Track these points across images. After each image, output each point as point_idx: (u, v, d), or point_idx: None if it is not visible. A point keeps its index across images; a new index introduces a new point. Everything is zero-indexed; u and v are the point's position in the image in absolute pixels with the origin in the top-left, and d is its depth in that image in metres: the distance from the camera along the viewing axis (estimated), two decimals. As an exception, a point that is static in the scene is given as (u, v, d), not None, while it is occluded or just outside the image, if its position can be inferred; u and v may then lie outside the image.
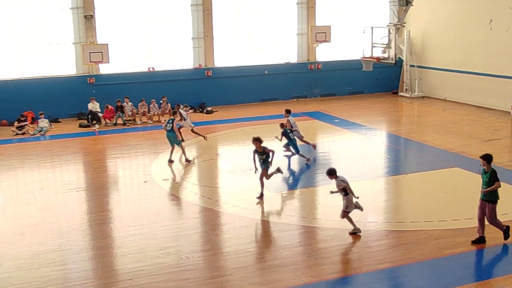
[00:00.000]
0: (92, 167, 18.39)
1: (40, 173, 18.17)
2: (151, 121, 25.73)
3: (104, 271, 10.62)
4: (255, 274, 10.21)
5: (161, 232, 12.29)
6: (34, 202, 14.97)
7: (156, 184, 16.10)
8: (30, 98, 25.92)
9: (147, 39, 28.19)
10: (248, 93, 29.72)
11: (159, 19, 28.26)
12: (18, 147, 21.62)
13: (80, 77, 27.31)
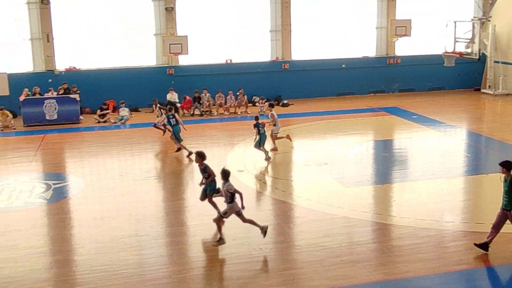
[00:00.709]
0: (169, 156, 18.84)
1: (120, 160, 18.79)
2: (227, 113, 26.03)
3: (179, 257, 10.87)
4: (327, 269, 10.16)
5: (235, 223, 12.37)
6: (114, 188, 15.50)
7: (230, 175, 16.27)
8: (112, 88, 26.83)
9: (226, 32, 28.50)
10: (324, 86, 29.50)
11: (238, 12, 28.51)
12: (100, 135, 22.43)
13: (160, 68, 27.98)
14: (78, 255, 11.02)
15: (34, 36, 26.77)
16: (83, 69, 27.34)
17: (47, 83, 26.00)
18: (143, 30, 27.83)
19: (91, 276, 10.00)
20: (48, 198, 14.43)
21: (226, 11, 28.37)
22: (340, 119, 23.73)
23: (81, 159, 18.92)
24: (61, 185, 15.67)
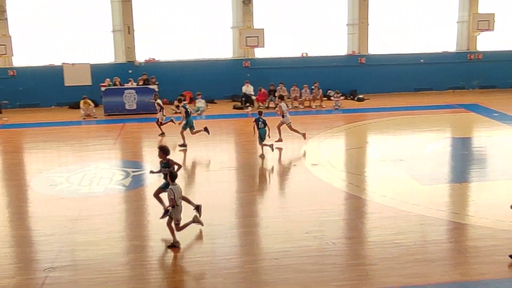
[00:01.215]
0: (244, 148, 19.05)
1: (195, 151, 19.14)
2: (302, 106, 26.02)
3: (252, 248, 11.00)
4: (402, 266, 10.00)
5: (308, 216, 12.43)
6: (189, 177, 15.87)
7: (304, 168, 16.31)
8: (189, 79, 27.38)
9: (302, 25, 28.44)
10: (401, 81, 28.96)
11: (315, 5, 28.37)
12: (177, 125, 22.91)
13: (236, 61, 28.29)
14: (155, 241, 11.34)
15: (115, 28, 27.67)
16: (161, 61, 28.05)
17: (127, 73, 26.83)
18: (220, 23, 28.19)
19: (167, 262, 10.30)
20: (127, 185, 14.94)
21: (303, 4, 28.31)
22: (417, 115, 23.22)
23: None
24: (139, 173, 16.18)
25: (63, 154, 19.07)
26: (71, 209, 13.17)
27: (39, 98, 27.23)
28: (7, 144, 20.63)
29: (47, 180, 15.67)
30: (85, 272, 9.92)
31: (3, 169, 17.61)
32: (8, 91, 27.02)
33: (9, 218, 13.15)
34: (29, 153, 19.59)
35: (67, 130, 22.06)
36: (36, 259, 10.67)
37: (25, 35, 27.28)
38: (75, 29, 27.44)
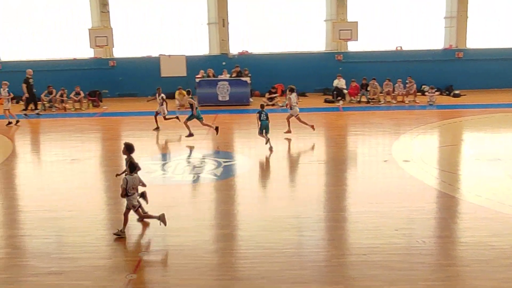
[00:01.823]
0: (334, 141, 18.96)
1: (285, 143, 19.25)
2: (395, 101, 25.52)
3: (340, 242, 10.95)
4: (496, 270, 9.62)
5: (398, 213, 12.22)
6: (279, 169, 15.98)
7: (396, 164, 16.01)
8: (281, 72, 27.53)
9: (396, 18, 27.83)
10: (501, 77, 27.73)
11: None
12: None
13: (328, 54, 28.15)
14: (244, 230, 11.55)
15: (211, 21, 28.26)
16: (254, 53, 28.35)
17: (221, 65, 27.36)
18: (314, 16, 28.10)
19: (255, 252, 10.44)
20: (219, 175, 15.27)
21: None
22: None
23: (249, 140, 19.75)
24: (230, 163, 16.50)
25: (157, 142, 19.75)
26: (165, 196, 13.66)
27: (136, 88, 28.34)
28: (106, 131, 21.64)
29: (143, 167, 16.26)
30: (176, 257, 10.27)
31: (103, 156, 18.51)
32: (108, 81, 28.33)
33: (107, 202, 13.82)
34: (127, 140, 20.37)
35: (162, 120, 22.77)
36: (131, 242, 11.15)
37: (125, 27, 28.41)
38: (172, 21, 28.28)
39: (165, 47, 28.07)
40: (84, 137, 20.73)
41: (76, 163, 17.38)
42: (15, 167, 17.32)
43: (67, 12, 28.65)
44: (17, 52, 29.26)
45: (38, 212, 12.92)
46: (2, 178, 16.23)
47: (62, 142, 20.58)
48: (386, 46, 28.17)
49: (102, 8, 28.10)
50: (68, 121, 23.48)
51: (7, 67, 28.90)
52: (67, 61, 28.60)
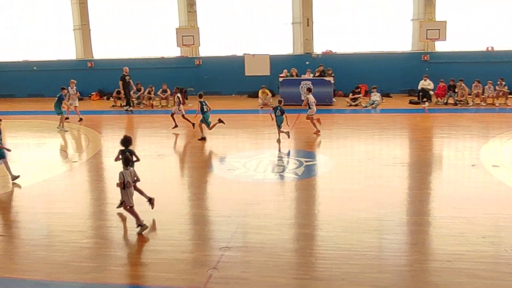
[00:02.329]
0: (419, 144, 18.51)
1: (368, 144, 19.02)
2: (484, 103, 24.60)
3: (423, 247, 10.68)
4: None
5: (485, 220, 11.77)
6: (361, 171, 15.76)
7: (484, 169, 15.44)
8: (365, 72, 27.20)
9: (487, 16, 26.79)
10: None
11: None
12: (350, 118, 22.95)
13: (414, 54, 27.51)
14: (324, 231, 11.50)
15: (295, 20, 28.28)
16: (338, 53, 28.14)
17: (304, 65, 27.34)
18: (400, 15, 27.56)
19: (335, 253, 10.38)
20: (300, 174, 15.28)
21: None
22: None
23: (331, 140, 19.64)
24: (312, 163, 16.47)
25: (240, 140, 20.02)
26: (247, 193, 13.84)
27: (221, 87, 28.83)
28: (191, 128, 22.10)
29: (226, 164, 16.60)
30: (256, 255, 10.37)
31: (188, 152, 18.97)
32: (194, 79, 28.98)
33: (191, 197, 14.16)
34: (210, 137, 20.81)
35: (246, 118, 23.08)
36: (213, 238, 11.37)
37: (212, 27, 28.95)
38: (257, 21, 28.54)
39: (249, 47, 28.38)
40: (169, 133, 21.31)
41: (161, 158, 17.91)
42: (104, 160, 18.07)
43: (156, 12, 29.54)
44: (109, 50, 30.47)
45: (125, 205, 13.41)
46: (92, 171, 16.99)
47: (149, 137, 21.26)
48: (476, 46, 27.18)
49: (189, 8, 28.77)
50: (155, 118, 24.22)
51: (99, 65, 30.18)
52: (155, 59, 29.50)
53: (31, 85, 29.71)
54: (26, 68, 31.06)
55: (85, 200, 14.37)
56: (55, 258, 10.65)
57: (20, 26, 31.12)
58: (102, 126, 23.10)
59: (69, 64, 30.60)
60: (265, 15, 28.62)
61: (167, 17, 29.35)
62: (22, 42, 31.27)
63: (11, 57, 31.60)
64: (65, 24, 30.50)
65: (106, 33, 30.37)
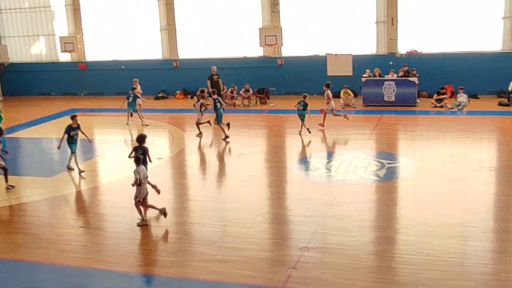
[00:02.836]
0: (508, 148, 17.76)
1: (453, 147, 18.47)
2: None
3: (510, 256, 10.29)
4: None
5: None
6: (445, 174, 15.32)
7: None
8: (451, 72, 26.42)
9: None
10: None
11: None
12: (435, 119, 22.35)
13: (505, 54, 26.44)
14: (406, 235, 11.27)
15: (379, 19, 27.85)
16: (423, 53, 27.47)
17: (388, 65, 26.87)
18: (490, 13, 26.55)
19: (417, 258, 10.16)
20: (381, 176, 15.05)
21: None
22: None
23: (414, 142, 19.22)
24: (394, 165, 16.18)
25: (321, 141, 19.93)
26: (327, 194, 13.79)
27: (302, 86, 28.79)
28: (272, 128, 22.30)
29: (306, 164, 16.60)
30: (336, 256, 10.32)
31: (268, 151, 19.11)
32: (275, 78, 29.15)
33: (270, 197, 14.26)
34: (291, 138, 20.89)
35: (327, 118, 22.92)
36: (293, 238, 11.42)
37: (294, 26, 29.00)
38: (340, 20, 28.33)
39: (332, 46, 28.21)
40: (251, 132, 21.56)
41: (242, 157, 18.14)
42: (187, 158, 18.51)
43: (239, 12, 29.93)
44: (193, 50, 31.16)
45: (206, 202, 13.72)
46: (176, 167, 17.46)
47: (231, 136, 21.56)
48: None
49: (272, 8, 28.95)
50: (236, 117, 24.53)
51: (184, 64, 30.93)
52: (238, 59, 29.89)
53: (119, 83, 30.81)
54: (115, 67, 32.30)
55: (169, 196, 14.77)
56: (139, 251, 11.06)
57: (110, 26, 32.38)
58: (186, 124, 23.66)
59: (155, 63, 31.55)
60: (348, 14, 28.35)
61: (251, 17, 29.65)
62: (111, 42, 32.54)
63: (101, 56, 32.94)
64: (152, 25, 31.46)
65: (191, 33, 31.07)
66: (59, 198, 13.88)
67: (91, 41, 33.23)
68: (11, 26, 34.64)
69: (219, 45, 30.56)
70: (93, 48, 33.33)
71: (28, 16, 34.05)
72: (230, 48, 30.37)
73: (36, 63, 34.35)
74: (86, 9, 32.80)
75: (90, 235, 12.18)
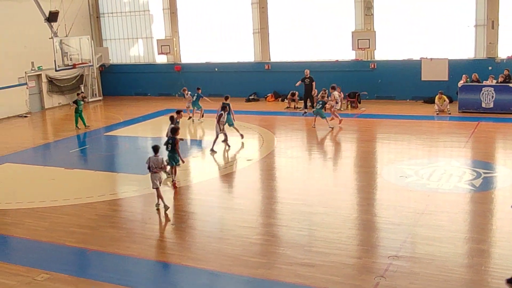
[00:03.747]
0: None
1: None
2: None
3: None
4: None
5: None
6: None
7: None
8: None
9: None
10: None
11: None
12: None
13: None
14: (502, 248, 10.76)
15: (479, 22, 26.79)
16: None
17: (486, 70, 25.79)
18: None
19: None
20: (477, 186, 14.45)
21: None
22: None
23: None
24: (491, 175, 15.49)
25: (413, 147, 19.43)
26: (418, 202, 13.41)
27: (395, 91, 28.25)
28: (363, 133, 21.98)
29: (397, 171, 16.23)
30: (426, 266, 10.02)
31: (358, 156, 18.85)
32: (367, 83, 28.70)
33: (360, 202, 14.06)
34: (382, 143, 20.51)
35: (420, 124, 22.36)
36: (381, 245, 11.19)
37: (388, 30, 28.44)
38: (436, 23, 27.50)
39: (427, 50, 27.42)
40: (341, 137, 21.35)
41: (332, 161, 18.01)
42: (277, 160, 18.60)
43: (332, 15, 29.70)
44: (284, 53, 31.27)
45: (294, 205, 13.72)
46: (265, 169, 17.59)
47: (321, 140, 21.49)
48: None
49: (366, 11, 28.56)
50: (326, 121, 24.40)
51: (275, 67, 31.12)
52: (329, 62, 29.69)
53: (211, 85, 31.41)
54: (208, 69, 32.98)
55: (258, 197, 14.94)
56: (228, 251, 11.21)
57: (204, 29, 33.10)
58: (276, 127, 23.79)
59: (248, 66, 31.92)
60: (445, 17, 27.44)
61: (343, 20, 29.37)
62: (205, 44, 33.23)
63: (195, 58, 33.73)
64: (245, 28, 31.86)
65: (284, 36, 31.18)
66: (152, 195, 14.33)
67: (186, 43, 34.11)
68: (112, 29, 36.22)
69: (311, 48, 30.47)
70: (188, 50, 34.20)
71: (128, 19, 35.47)
72: (321, 51, 30.21)
73: (134, 65, 35.72)
74: (182, 13, 33.72)
75: (181, 233, 12.50)
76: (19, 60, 30.30)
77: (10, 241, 12.57)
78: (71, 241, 12.11)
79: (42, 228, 12.99)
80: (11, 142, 23.10)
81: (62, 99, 33.27)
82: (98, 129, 23.99)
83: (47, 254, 11.67)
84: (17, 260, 11.30)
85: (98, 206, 14.44)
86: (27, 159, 20.17)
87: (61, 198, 15.12)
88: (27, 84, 30.85)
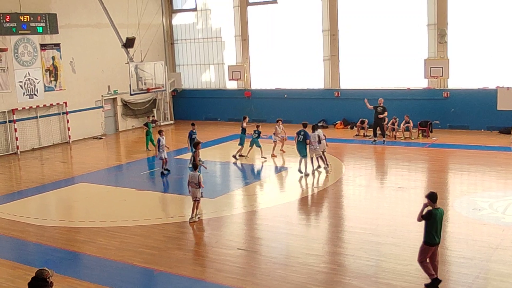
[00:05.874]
0: None
1: None
2: None
3: None
4: None
5: None
6: None
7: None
8: None
9: None
10: None
11: None
12: None
13: None
14: None
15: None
16: None
17: None
18: None
19: None
20: (556, 221, 13.77)
21: None
22: None
23: None
24: None
25: (488, 179, 18.76)
26: (492, 236, 12.89)
27: (469, 121, 27.46)
28: (434, 162, 21.43)
29: (470, 203, 15.69)
30: (500, 304, 9.60)
31: (429, 187, 18.29)
32: (440, 111, 28.04)
33: (430, 234, 13.62)
34: (454, 173, 19.92)
35: (495, 155, 21.59)
36: (453, 280, 10.81)
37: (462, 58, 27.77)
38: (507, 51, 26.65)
39: (503, 79, 26.56)
40: (411, 166, 20.88)
41: (402, 191, 17.63)
42: (344, 188, 18.38)
43: (404, 43, 29.32)
44: (355, 80, 31.06)
45: (362, 234, 13.49)
46: (333, 197, 17.40)
47: (390, 169, 21.11)
48: None
49: (440, 39, 28.04)
50: (397, 149, 23.96)
51: (345, 94, 30.94)
52: (401, 90, 29.25)
53: (280, 111, 31.48)
54: (277, 96, 33.17)
55: (325, 225, 14.79)
56: (292, 278, 11.13)
57: (274, 56, 33.39)
58: (345, 154, 23.56)
59: (317, 93, 31.87)
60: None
61: (416, 48, 28.92)
62: (275, 71, 33.49)
63: (265, 85, 34.02)
64: (315, 55, 31.90)
65: (354, 63, 31.01)
66: (219, 219, 14.47)
67: (257, 69, 34.50)
68: (185, 55, 37.14)
69: (382, 76, 30.13)
70: (258, 76, 34.57)
71: (200, 46, 36.29)
72: (393, 79, 29.82)
73: (206, 90, 36.41)
74: (253, 40, 34.19)
75: (246, 258, 12.51)
76: (97, 84, 31.57)
77: (82, 258, 12.97)
78: (139, 261, 12.35)
79: (112, 247, 13.33)
80: (87, 163, 23.96)
81: (136, 122, 34.28)
82: (169, 152, 24.49)
83: (116, 272, 11.94)
84: (87, 277, 11.63)
85: (167, 227, 14.69)
86: (100, 180, 20.84)
87: (131, 218, 15.51)
88: (103, 107, 32.04)
